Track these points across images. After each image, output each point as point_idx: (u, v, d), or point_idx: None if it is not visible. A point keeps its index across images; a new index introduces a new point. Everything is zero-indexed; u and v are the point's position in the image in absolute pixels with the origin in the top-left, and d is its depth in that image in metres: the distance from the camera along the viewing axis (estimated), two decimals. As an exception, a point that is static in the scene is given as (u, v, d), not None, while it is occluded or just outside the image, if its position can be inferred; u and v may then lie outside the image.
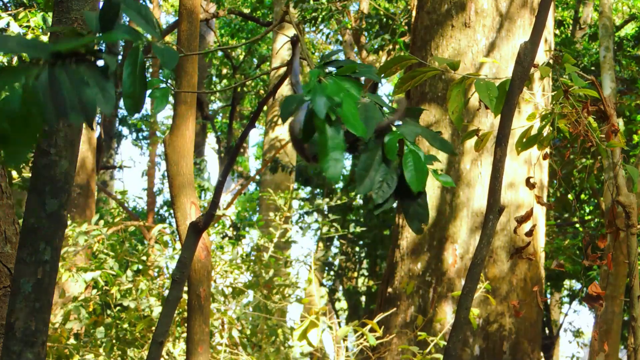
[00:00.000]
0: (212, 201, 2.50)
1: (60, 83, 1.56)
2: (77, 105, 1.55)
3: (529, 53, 2.39)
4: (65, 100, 1.55)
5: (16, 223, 3.25)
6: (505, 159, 2.36)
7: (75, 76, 1.58)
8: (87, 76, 1.59)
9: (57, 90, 1.55)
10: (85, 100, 1.56)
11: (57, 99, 1.54)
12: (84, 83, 1.58)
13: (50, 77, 1.56)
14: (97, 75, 1.61)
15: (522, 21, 6.99)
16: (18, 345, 2.24)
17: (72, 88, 1.56)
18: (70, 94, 1.55)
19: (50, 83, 1.55)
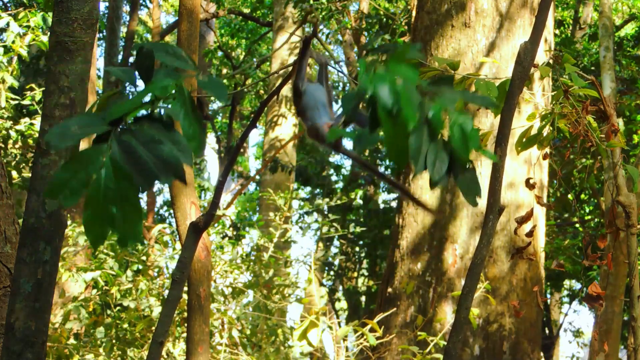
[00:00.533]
0: (212, 201, 2.50)
1: (133, 148, 1.52)
2: (162, 167, 1.51)
3: (529, 53, 2.39)
4: (146, 164, 1.51)
5: (16, 223, 3.25)
6: (505, 159, 2.36)
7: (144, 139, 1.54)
8: (155, 134, 1.55)
9: (135, 157, 1.51)
10: (168, 160, 1.52)
11: (136, 164, 1.51)
12: (155, 141, 1.54)
13: (120, 146, 1.52)
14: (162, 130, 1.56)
15: (522, 21, 6.99)
16: (18, 345, 2.24)
17: (147, 150, 1.52)
18: (148, 157, 1.52)
19: (124, 151, 1.51)
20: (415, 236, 6.90)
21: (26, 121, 7.74)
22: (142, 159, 1.51)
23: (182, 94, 1.63)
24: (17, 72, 7.61)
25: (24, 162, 7.96)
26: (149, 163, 1.51)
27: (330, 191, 14.12)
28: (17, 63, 7.56)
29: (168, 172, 1.51)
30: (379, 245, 13.13)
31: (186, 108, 1.63)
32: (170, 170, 1.52)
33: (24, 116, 8.09)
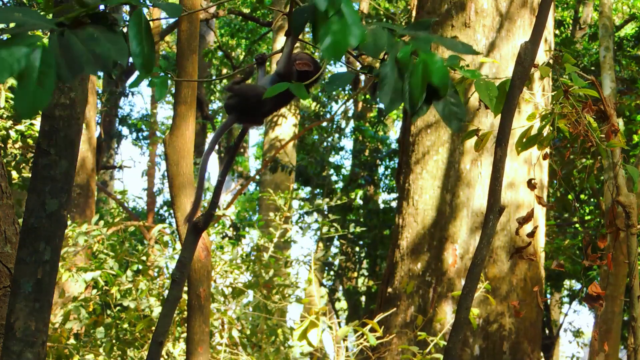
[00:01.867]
0: (211, 201, 2.50)
1: (70, 43, 1.63)
2: (91, 59, 1.62)
3: (529, 53, 2.39)
4: (77, 57, 1.62)
5: (16, 223, 3.25)
6: (505, 159, 2.36)
7: (84, 36, 1.65)
8: (96, 34, 1.66)
9: (68, 50, 1.62)
10: (99, 53, 1.63)
11: (69, 57, 1.61)
12: (94, 39, 1.65)
13: (59, 40, 1.63)
14: (106, 32, 1.68)
15: (522, 21, 6.99)
16: (18, 345, 2.24)
17: (84, 45, 1.63)
18: (82, 51, 1.62)
19: (60, 45, 1.62)
20: (415, 236, 6.90)
21: (26, 121, 7.74)
22: (74, 52, 1.62)
23: (139, 14, 1.76)
24: (17, 72, 7.59)
25: (24, 162, 7.96)
26: (80, 55, 1.62)
27: (330, 191, 14.12)
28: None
29: (95, 65, 1.62)
30: (379, 245, 13.13)
31: (139, 27, 1.75)
32: (98, 63, 1.62)
33: (24, 116, 8.07)
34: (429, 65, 1.93)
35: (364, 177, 14.22)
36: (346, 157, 15.90)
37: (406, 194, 7.08)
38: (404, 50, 1.95)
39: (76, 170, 2.92)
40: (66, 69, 1.60)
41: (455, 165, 6.87)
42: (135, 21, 1.76)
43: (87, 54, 1.62)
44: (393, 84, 1.94)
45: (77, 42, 1.63)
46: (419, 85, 1.94)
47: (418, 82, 1.94)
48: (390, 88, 1.94)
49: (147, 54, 1.75)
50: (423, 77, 1.92)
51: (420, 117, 7.23)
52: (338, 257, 14.31)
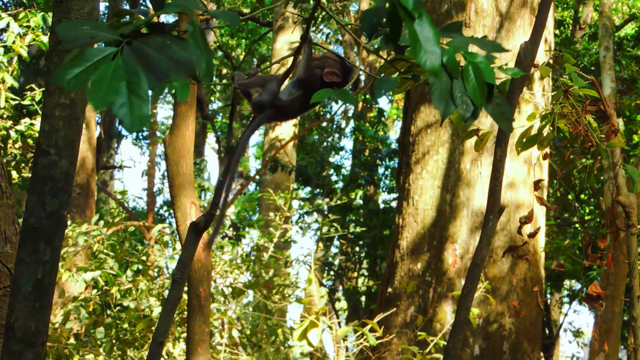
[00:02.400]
0: (212, 201, 2.50)
1: (144, 51, 1.63)
2: (174, 66, 1.62)
3: (529, 53, 2.39)
4: (157, 64, 1.61)
5: (16, 223, 3.25)
6: (505, 159, 2.36)
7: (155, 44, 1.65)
8: (167, 42, 1.66)
9: (146, 59, 1.62)
10: (180, 60, 1.63)
11: (149, 64, 1.61)
12: (167, 47, 1.65)
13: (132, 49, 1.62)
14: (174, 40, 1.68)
15: (522, 21, 6.99)
16: (18, 345, 2.24)
17: (159, 53, 1.63)
18: (160, 58, 1.62)
19: (134, 54, 1.61)
20: (415, 236, 6.90)
21: (26, 121, 7.75)
22: (153, 59, 1.62)
23: (194, 24, 1.76)
24: (17, 72, 7.60)
25: (24, 162, 7.97)
26: (160, 63, 1.61)
27: (330, 191, 14.12)
28: (17, 63, 7.55)
29: (179, 70, 1.62)
30: (379, 245, 13.13)
31: (197, 35, 1.74)
32: (182, 69, 1.62)
33: (24, 116, 8.09)
34: (479, 67, 1.93)
35: (364, 177, 14.22)
36: (346, 157, 15.92)
37: (406, 194, 7.08)
38: (449, 53, 1.91)
39: (76, 170, 2.92)
40: (150, 75, 1.59)
41: (455, 165, 6.87)
42: (193, 29, 1.75)
43: (166, 60, 1.62)
44: (444, 88, 1.92)
45: (151, 51, 1.63)
46: (476, 88, 1.91)
47: (474, 84, 1.91)
48: (443, 93, 1.91)
49: (209, 62, 1.74)
50: (478, 80, 1.90)
51: (420, 118, 7.24)
52: (338, 257, 14.31)
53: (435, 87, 1.91)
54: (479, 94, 1.92)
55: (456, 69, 1.92)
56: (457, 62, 1.92)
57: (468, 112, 1.93)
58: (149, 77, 1.59)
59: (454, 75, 1.92)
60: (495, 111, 2.00)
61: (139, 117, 1.56)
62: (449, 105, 1.91)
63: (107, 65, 1.58)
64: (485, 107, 1.98)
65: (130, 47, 1.63)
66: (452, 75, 1.92)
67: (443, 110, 1.91)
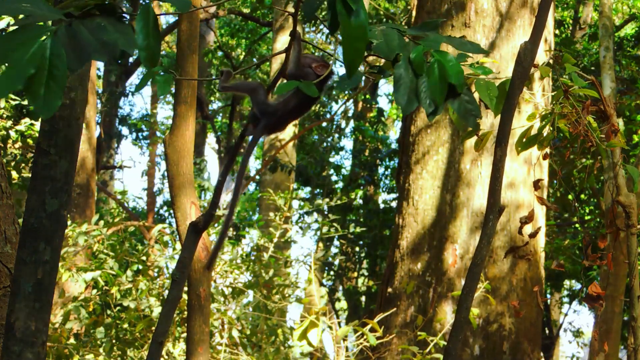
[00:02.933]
0: (212, 201, 2.50)
1: (79, 33, 1.63)
2: (99, 47, 1.62)
3: (529, 53, 2.39)
4: (86, 46, 1.62)
5: (16, 223, 3.25)
6: (505, 159, 2.36)
7: (92, 26, 1.65)
8: (104, 23, 1.66)
9: (77, 39, 1.62)
10: (106, 41, 1.63)
11: (77, 46, 1.61)
12: (103, 29, 1.65)
13: (67, 30, 1.63)
14: (114, 22, 1.68)
15: (522, 21, 6.99)
16: (18, 345, 2.24)
17: (91, 35, 1.63)
18: (90, 40, 1.63)
19: (69, 34, 1.62)
20: (415, 236, 6.90)
21: (26, 121, 7.74)
22: (84, 40, 1.63)
23: (146, 7, 1.76)
24: (17, 72, 7.59)
25: (24, 162, 7.96)
26: (87, 45, 1.62)
27: (330, 191, 14.12)
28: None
29: (102, 52, 1.62)
30: (379, 245, 13.13)
31: (146, 21, 1.74)
32: (106, 50, 1.63)
33: (24, 116, 8.09)
34: (444, 65, 1.94)
35: (364, 177, 14.22)
36: (346, 157, 15.92)
37: (406, 194, 7.08)
38: (417, 51, 1.95)
39: (76, 170, 2.92)
40: (74, 58, 1.60)
41: (455, 165, 6.87)
42: (143, 14, 1.75)
43: (95, 42, 1.62)
44: (409, 84, 1.93)
45: (84, 32, 1.63)
46: (437, 85, 1.92)
47: (436, 81, 1.93)
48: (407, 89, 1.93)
49: (153, 48, 1.74)
50: (441, 77, 1.92)
51: (420, 118, 7.24)
52: (338, 257, 14.31)
53: (400, 83, 1.92)
54: (438, 90, 1.93)
55: (422, 66, 1.93)
56: (423, 59, 1.92)
57: (430, 108, 1.94)
58: (71, 59, 1.59)
59: (419, 72, 1.92)
60: (461, 108, 2.02)
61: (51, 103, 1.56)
62: (412, 102, 1.93)
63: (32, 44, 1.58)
64: (451, 104, 2.00)
65: (68, 27, 1.63)
66: (417, 73, 1.92)
67: (405, 106, 1.92)
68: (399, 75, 1.92)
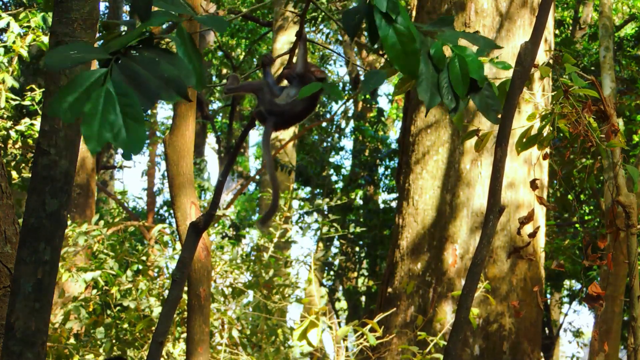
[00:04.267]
0: (212, 201, 2.50)
1: (133, 70, 1.59)
2: (163, 85, 1.59)
3: (529, 53, 2.39)
4: (146, 83, 1.58)
5: (16, 223, 3.25)
6: (505, 159, 2.36)
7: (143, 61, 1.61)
8: (157, 57, 1.63)
9: (136, 77, 1.59)
10: (168, 77, 1.60)
11: (138, 84, 1.58)
12: (156, 63, 1.61)
13: (120, 69, 1.59)
14: (163, 54, 1.64)
15: (522, 21, 6.99)
16: (18, 345, 2.24)
17: (147, 70, 1.60)
18: (148, 77, 1.59)
19: (125, 73, 1.58)
20: (415, 236, 6.90)
21: (26, 121, 7.74)
22: (143, 78, 1.58)
23: (182, 33, 1.73)
24: (17, 73, 7.60)
25: (24, 162, 7.96)
26: (150, 82, 1.58)
27: (330, 191, 14.12)
28: (17, 63, 7.55)
29: (170, 90, 1.59)
30: (379, 245, 13.13)
31: (186, 45, 1.72)
32: (173, 88, 1.59)
33: (24, 116, 8.09)
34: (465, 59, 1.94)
35: (364, 177, 14.22)
36: (346, 157, 15.91)
37: (406, 194, 7.08)
38: (436, 46, 1.95)
39: (76, 170, 2.92)
40: (141, 97, 1.56)
41: (455, 165, 6.87)
42: (181, 38, 1.72)
43: (155, 79, 1.58)
44: (430, 79, 1.93)
45: (139, 69, 1.60)
46: (460, 80, 1.93)
47: (458, 76, 1.93)
48: (429, 84, 1.93)
49: (200, 71, 1.71)
50: (462, 71, 1.92)
51: (420, 117, 7.23)
52: (338, 257, 14.31)
53: (422, 79, 1.93)
54: (461, 84, 1.93)
55: (442, 61, 1.94)
56: (443, 54, 1.93)
57: (453, 103, 1.95)
58: (140, 98, 1.56)
59: (440, 67, 1.93)
60: (482, 103, 2.03)
61: (136, 140, 1.53)
62: (434, 97, 1.93)
63: (98, 92, 1.54)
64: (472, 98, 2.01)
65: (119, 65, 1.60)
66: (438, 68, 1.93)
67: (428, 101, 1.93)
68: (420, 71, 1.92)
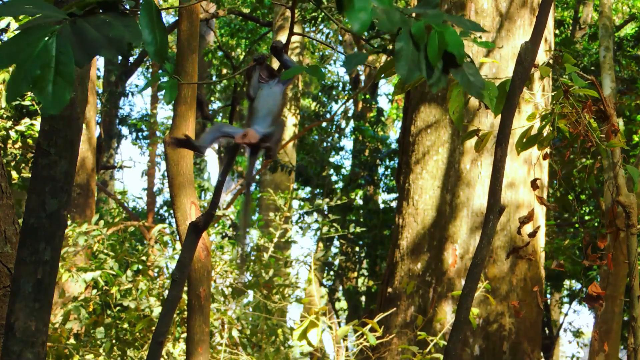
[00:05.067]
0: (212, 201, 2.50)
1: (84, 30, 1.64)
2: (106, 42, 1.63)
3: (529, 53, 2.39)
4: (92, 41, 1.63)
5: (16, 223, 3.25)
6: (505, 159, 2.36)
7: (96, 22, 1.66)
8: (108, 19, 1.67)
9: (83, 36, 1.63)
10: (113, 36, 1.64)
11: (84, 42, 1.62)
12: (107, 24, 1.65)
13: (72, 28, 1.63)
14: (118, 16, 1.68)
15: (522, 21, 6.99)
16: (18, 345, 2.24)
17: (97, 30, 1.64)
18: (96, 36, 1.63)
19: (74, 32, 1.62)
20: (415, 236, 6.90)
21: (26, 121, 7.74)
22: (89, 37, 1.63)
23: (148, 4, 1.75)
24: (17, 72, 7.58)
25: (24, 162, 7.96)
26: (93, 41, 1.63)
27: (330, 191, 14.12)
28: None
29: (110, 47, 1.63)
30: (379, 245, 13.13)
31: (150, 16, 1.74)
32: (113, 45, 1.63)
33: (24, 116, 8.09)
34: (444, 35, 1.96)
35: (364, 177, 14.22)
36: (346, 157, 15.91)
37: (406, 194, 7.08)
38: (418, 25, 1.98)
39: (76, 170, 2.92)
40: (81, 53, 1.61)
41: (455, 165, 6.87)
42: (146, 9, 1.75)
43: (101, 38, 1.63)
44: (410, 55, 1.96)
45: (90, 29, 1.64)
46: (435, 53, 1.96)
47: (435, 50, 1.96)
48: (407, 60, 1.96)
49: (160, 42, 1.75)
50: (439, 46, 1.95)
51: (420, 118, 7.23)
52: (338, 257, 14.31)
53: (401, 55, 1.96)
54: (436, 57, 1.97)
55: (422, 38, 1.97)
56: (424, 32, 1.97)
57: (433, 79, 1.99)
58: (78, 55, 1.60)
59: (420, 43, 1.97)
60: (463, 79, 2.06)
61: (59, 98, 1.57)
62: (412, 72, 1.96)
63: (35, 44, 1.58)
64: (454, 75, 2.04)
65: (72, 25, 1.64)
66: (418, 46, 1.96)
67: (406, 76, 1.96)
68: (400, 47, 1.96)
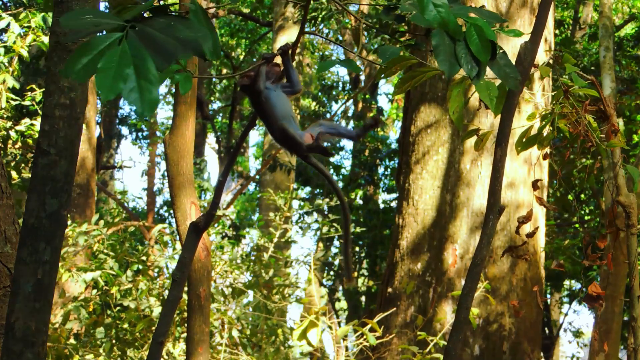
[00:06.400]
0: (212, 201, 2.50)
1: (149, 33, 1.62)
2: (180, 45, 1.61)
3: (529, 53, 2.39)
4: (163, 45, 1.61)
5: (16, 223, 3.25)
6: (505, 159, 2.36)
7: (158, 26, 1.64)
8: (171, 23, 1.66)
9: (151, 39, 1.61)
10: (184, 38, 1.63)
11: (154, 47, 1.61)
12: (172, 27, 1.64)
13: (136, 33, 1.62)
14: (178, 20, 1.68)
15: (522, 21, 6.99)
16: (18, 345, 2.24)
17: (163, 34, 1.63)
18: (164, 38, 1.62)
19: (139, 37, 1.61)
20: (415, 236, 6.90)
21: (26, 121, 7.74)
22: (159, 40, 1.61)
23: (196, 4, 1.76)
24: (17, 73, 7.60)
25: (24, 162, 7.96)
26: (166, 44, 1.61)
27: (330, 191, 14.11)
28: (17, 64, 7.54)
29: (186, 49, 1.61)
30: (379, 245, 13.12)
31: (198, 16, 1.75)
32: (188, 47, 1.62)
33: (24, 117, 8.09)
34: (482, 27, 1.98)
35: (364, 177, 14.22)
36: (346, 157, 15.91)
37: (406, 194, 7.08)
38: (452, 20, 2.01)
39: (76, 170, 2.92)
40: (158, 57, 1.59)
41: (455, 165, 6.87)
42: (196, 11, 1.76)
43: (172, 41, 1.61)
44: (448, 50, 1.96)
45: (155, 32, 1.62)
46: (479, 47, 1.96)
47: (478, 43, 1.96)
48: (446, 54, 1.96)
49: (214, 40, 1.75)
50: (481, 38, 1.95)
51: (420, 117, 7.23)
52: (338, 257, 14.31)
53: (440, 50, 1.96)
54: (482, 51, 1.96)
55: (458, 31, 1.97)
56: (458, 24, 1.96)
57: (474, 71, 1.97)
58: (156, 59, 1.58)
59: (457, 37, 1.96)
60: (500, 71, 2.05)
61: (149, 101, 1.56)
62: (454, 66, 1.96)
63: (113, 51, 1.57)
64: (491, 67, 2.03)
65: (134, 30, 1.62)
66: (454, 38, 1.95)
67: (448, 71, 1.95)
68: (437, 43, 1.95)
